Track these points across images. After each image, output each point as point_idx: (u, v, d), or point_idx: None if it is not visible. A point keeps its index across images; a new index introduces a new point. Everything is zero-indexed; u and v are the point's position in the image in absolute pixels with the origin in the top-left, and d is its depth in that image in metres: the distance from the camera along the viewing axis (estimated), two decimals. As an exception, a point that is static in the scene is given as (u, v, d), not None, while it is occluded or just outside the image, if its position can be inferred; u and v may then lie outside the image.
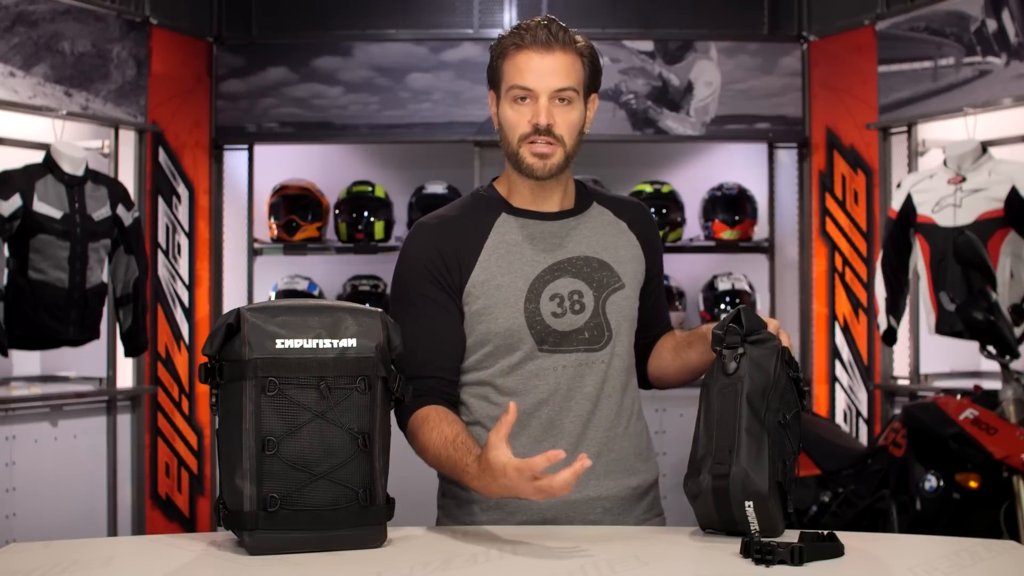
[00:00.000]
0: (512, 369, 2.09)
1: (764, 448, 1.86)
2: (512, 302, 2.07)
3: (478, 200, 2.17)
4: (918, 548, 1.95)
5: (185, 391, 5.49)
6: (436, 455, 2.00)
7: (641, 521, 2.16)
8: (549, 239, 2.12)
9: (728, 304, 5.61)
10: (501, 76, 2.08)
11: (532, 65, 2.04)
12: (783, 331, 1.98)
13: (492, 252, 2.09)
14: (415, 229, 2.14)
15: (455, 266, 2.08)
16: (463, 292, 2.08)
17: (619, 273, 2.14)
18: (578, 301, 2.10)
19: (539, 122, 2.03)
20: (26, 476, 4.61)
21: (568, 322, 2.09)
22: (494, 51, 2.10)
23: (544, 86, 2.03)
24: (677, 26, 5.75)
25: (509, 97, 2.06)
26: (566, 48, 2.05)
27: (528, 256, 2.10)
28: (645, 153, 5.92)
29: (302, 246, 5.70)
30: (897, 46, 5.13)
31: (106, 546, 2.00)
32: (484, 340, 2.09)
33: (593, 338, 2.10)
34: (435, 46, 5.69)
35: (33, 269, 4.46)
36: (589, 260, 2.13)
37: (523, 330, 2.07)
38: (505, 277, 2.08)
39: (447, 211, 2.17)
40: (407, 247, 2.13)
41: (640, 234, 2.22)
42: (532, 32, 2.04)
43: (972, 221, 4.38)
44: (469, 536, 1.96)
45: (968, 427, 3.67)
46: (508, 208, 2.14)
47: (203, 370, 1.84)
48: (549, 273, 2.10)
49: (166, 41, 5.36)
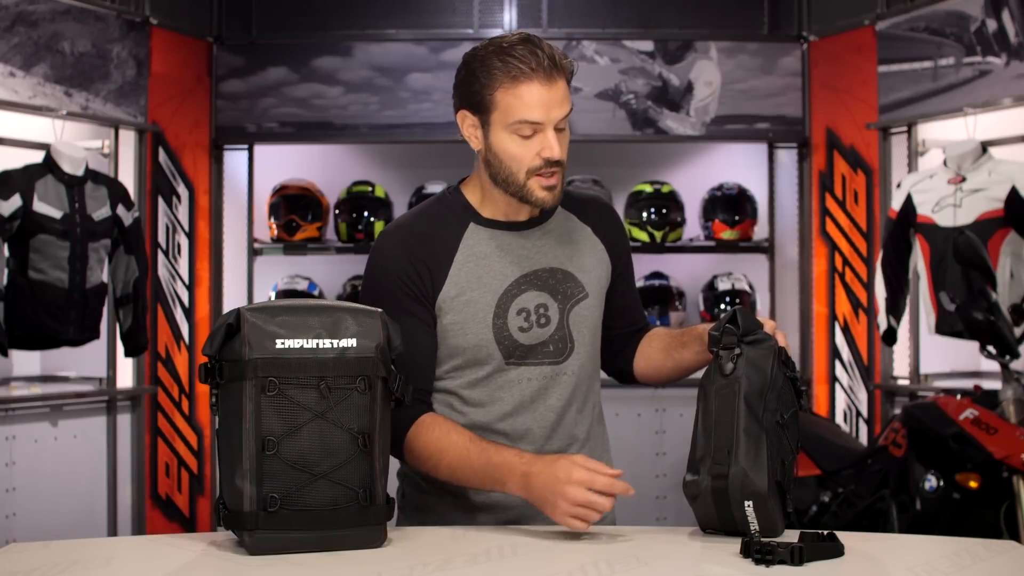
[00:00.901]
0: (479, 382, 2.10)
1: (762, 448, 1.86)
2: (481, 318, 2.07)
3: (445, 207, 2.15)
4: (918, 548, 1.95)
5: (185, 391, 5.49)
6: (462, 453, 1.99)
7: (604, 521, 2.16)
8: (517, 251, 2.12)
9: (728, 304, 5.60)
10: (493, 106, 2.02)
11: (539, 98, 1.99)
12: (780, 331, 1.98)
13: (462, 266, 2.09)
14: (384, 238, 2.12)
15: (427, 276, 2.07)
16: (435, 302, 2.08)
17: (583, 283, 2.15)
18: (544, 315, 2.10)
19: (552, 156, 2.02)
20: (26, 476, 4.61)
21: (534, 336, 2.10)
22: (477, 76, 2.01)
23: (552, 118, 2.01)
24: (677, 26, 5.75)
25: (511, 130, 2.02)
26: (561, 74, 2.02)
27: (496, 270, 2.10)
28: (645, 153, 5.92)
29: (302, 246, 5.70)
30: (897, 46, 5.13)
31: (106, 546, 2.00)
32: (453, 353, 2.09)
33: (557, 351, 2.11)
34: (435, 46, 5.69)
35: (33, 269, 4.46)
36: (554, 272, 2.13)
37: (491, 345, 2.08)
38: (475, 292, 2.08)
39: (414, 220, 2.15)
40: (379, 257, 2.11)
41: (605, 236, 2.22)
42: (530, 60, 1.98)
43: (972, 221, 4.38)
44: (469, 536, 1.96)
45: (968, 427, 3.67)
46: (476, 218, 2.13)
47: (203, 370, 1.84)
48: (516, 287, 2.10)
49: (166, 41, 5.36)
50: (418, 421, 2.04)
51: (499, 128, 2.03)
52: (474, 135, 2.09)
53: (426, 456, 2.03)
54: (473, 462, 1.99)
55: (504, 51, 2.00)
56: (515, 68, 1.99)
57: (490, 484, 1.99)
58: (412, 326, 2.05)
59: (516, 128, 2.02)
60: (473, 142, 2.10)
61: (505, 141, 2.04)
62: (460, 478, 2.02)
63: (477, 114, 2.06)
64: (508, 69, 1.99)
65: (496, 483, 1.98)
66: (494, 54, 2.01)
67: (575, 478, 1.86)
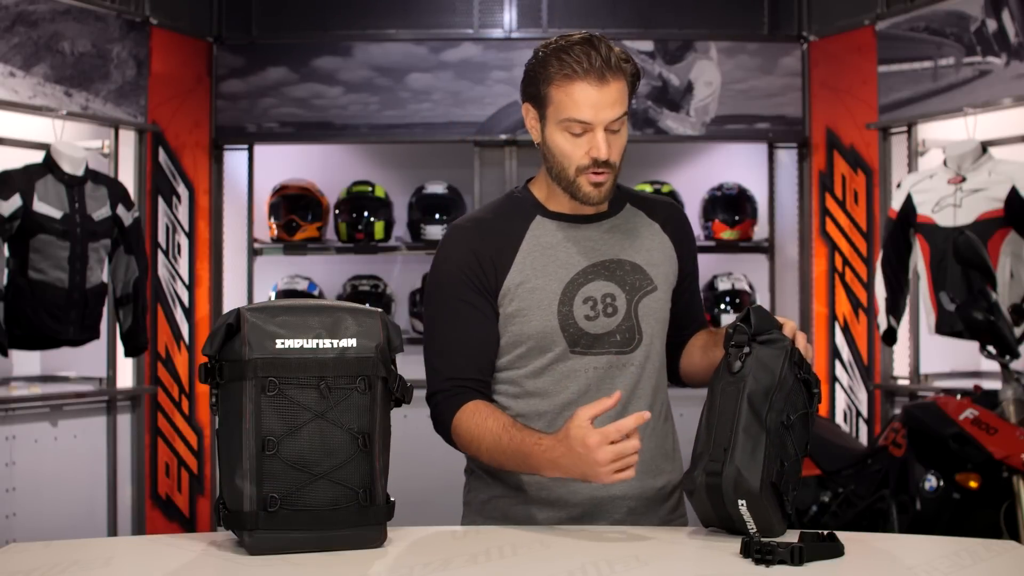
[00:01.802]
0: (543, 370, 2.11)
1: (760, 448, 1.86)
2: (546, 305, 2.09)
3: (513, 202, 2.19)
4: (918, 548, 1.95)
5: (185, 391, 5.49)
6: (496, 439, 2.01)
7: (665, 521, 2.17)
8: (583, 242, 2.14)
9: (728, 304, 5.61)
10: (548, 102, 2.06)
11: (588, 99, 2.02)
12: (801, 333, 1.98)
13: (527, 255, 2.11)
14: (451, 232, 2.17)
15: (491, 269, 2.10)
16: (499, 294, 2.11)
17: (651, 276, 2.16)
18: (611, 304, 2.12)
19: (599, 156, 2.04)
20: (26, 476, 4.61)
21: (601, 325, 2.11)
22: (537, 71, 2.07)
23: (601, 119, 2.03)
24: (677, 26, 5.75)
25: (562, 127, 2.05)
26: (617, 75, 2.03)
27: (562, 259, 2.12)
28: (645, 153, 5.92)
29: (302, 246, 5.70)
30: (897, 46, 5.13)
31: (106, 546, 2.00)
32: (517, 341, 2.11)
33: (624, 341, 2.12)
34: (435, 46, 5.69)
35: (33, 269, 4.46)
36: (622, 263, 2.15)
37: (556, 332, 2.09)
38: (539, 280, 2.10)
39: (482, 213, 2.19)
40: (444, 250, 2.15)
41: (673, 235, 2.23)
42: (583, 60, 2.01)
43: (972, 221, 4.38)
44: (469, 536, 1.96)
45: (968, 427, 3.67)
46: (543, 211, 2.16)
47: (203, 370, 1.84)
48: (583, 276, 2.12)
49: (166, 41, 5.36)
50: (461, 409, 2.07)
51: (552, 124, 2.07)
52: (534, 128, 2.13)
53: (467, 441, 2.07)
54: (506, 449, 2.01)
55: (563, 49, 2.04)
56: (568, 67, 2.02)
57: (527, 470, 2.02)
58: (469, 314, 2.09)
59: (567, 125, 2.05)
60: (534, 134, 2.13)
61: (557, 137, 2.07)
62: (500, 461, 2.04)
63: (536, 108, 2.10)
64: (562, 67, 2.03)
65: (532, 470, 2.01)
66: (554, 52, 2.05)
67: (591, 443, 1.87)
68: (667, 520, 2.18)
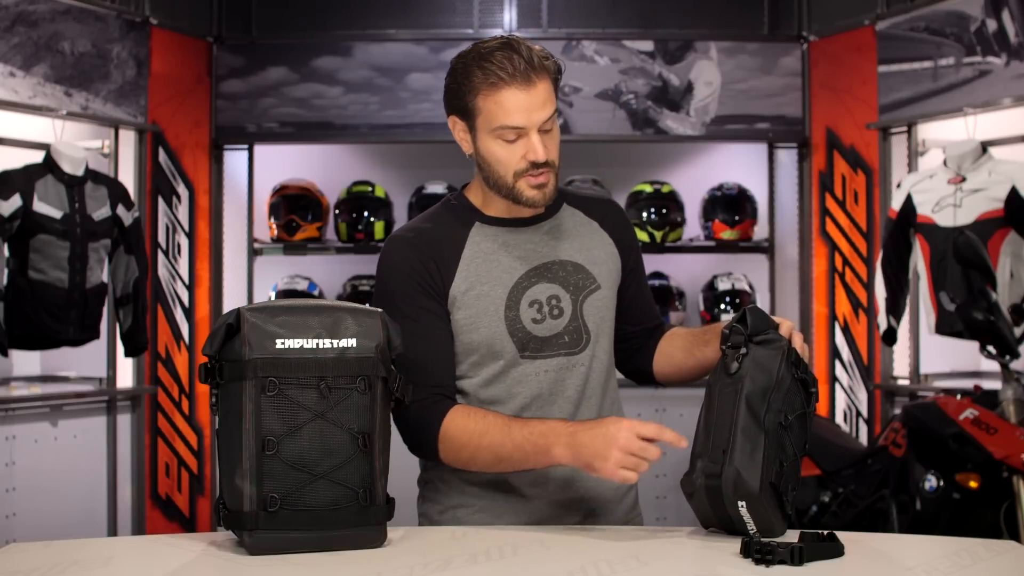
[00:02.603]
0: (495, 378, 2.10)
1: (759, 449, 1.86)
2: (492, 311, 2.08)
3: (450, 210, 2.17)
4: (918, 548, 1.95)
5: (185, 391, 5.49)
6: (504, 428, 1.99)
7: (625, 520, 2.17)
8: (524, 245, 2.13)
9: (728, 304, 5.61)
10: (477, 112, 2.04)
11: (518, 104, 2.01)
12: (797, 332, 1.98)
13: (470, 262, 2.10)
14: (392, 243, 2.14)
15: (437, 274, 2.09)
16: (448, 299, 2.09)
17: (594, 274, 2.16)
18: (556, 306, 2.11)
19: (537, 159, 2.03)
20: (26, 476, 4.61)
21: (548, 327, 2.10)
22: (460, 83, 2.04)
23: (534, 122, 2.02)
24: (677, 26, 5.75)
25: (495, 135, 2.04)
26: (541, 75, 2.02)
27: (505, 264, 2.11)
28: (645, 153, 5.92)
29: (302, 246, 5.70)
30: (897, 46, 5.13)
31: (106, 546, 2.00)
32: (469, 350, 2.10)
33: (573, 341, 2.12)
34: (435, 46, 5.69)
35: (33, 269, 4.46)
36: (564, 264, 2.14)
37: (505, 338, 2.08)
38: (484, 286, 2.09)
39: (421, 223, 2.16)
40: (388, 260, 2.12)
41: (613, 231, 2.23)
42: (507, 66, 2.00)
43: (972, 221, 4.38)
44: (469, 536, 1.96)
45: (968, 427, 3.67)
46: (481, 217, 2.14)
47: (203, 370, 1.84)
48: (526, 280, 2.11)
49: (166, 41, 5.36)
50: (451, 412, 2.05)
51: (484, 133, 2.06)
52: (464, 139, 2.11)
53: (464, 442, 2.02)
54: (515, 435, 1.99)
55: (483, 57, 2.02)
56: (493, 75, 2.00)
57: (534, 456, 1.99)
58: (429, 322, 2.07)
59: (500, 133, 2.04)
60: (464, 146, 2.12)
61: (491, 145, 2.06)
62: (502, 455, 2.01)
63: (464, 120, 2.08)
64: (487, 76, 2.01)
65: (540, 452, 1.98)
66: (474, 61, 2.03)
67: (624, 425, 1.88)
68: (627, 519, 2.18)
